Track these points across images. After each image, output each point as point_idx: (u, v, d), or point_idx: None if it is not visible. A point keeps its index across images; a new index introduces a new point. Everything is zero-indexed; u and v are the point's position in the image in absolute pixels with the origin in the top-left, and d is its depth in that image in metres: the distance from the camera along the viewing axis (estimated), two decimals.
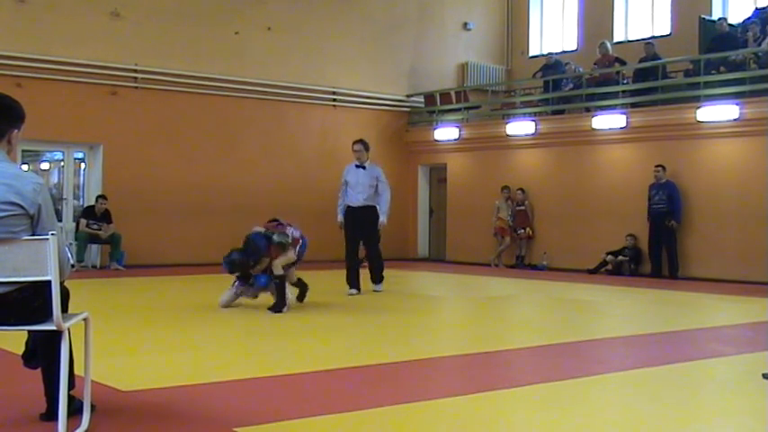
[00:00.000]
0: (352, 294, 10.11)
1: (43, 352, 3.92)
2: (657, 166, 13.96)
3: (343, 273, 10.36)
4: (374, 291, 10.53)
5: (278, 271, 8.44)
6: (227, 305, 8.70)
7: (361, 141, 10.67)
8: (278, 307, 8.35)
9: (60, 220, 13.25)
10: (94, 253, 14.38)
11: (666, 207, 13.78)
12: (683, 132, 14.01)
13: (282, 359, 6.04)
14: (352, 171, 10.45)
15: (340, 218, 10.46)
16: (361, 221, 10.29)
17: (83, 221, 13.89)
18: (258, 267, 8.46)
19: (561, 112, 16.30)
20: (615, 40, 17.63)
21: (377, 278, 10.65)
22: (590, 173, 15.39)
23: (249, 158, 16.17)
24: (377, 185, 10.34)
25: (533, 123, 16.16)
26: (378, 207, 10.34)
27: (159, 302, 9.80)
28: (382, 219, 10.33)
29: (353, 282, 10.30)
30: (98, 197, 14.18)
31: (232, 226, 15.45)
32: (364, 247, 10.65)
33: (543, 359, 6.28)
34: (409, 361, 5.97)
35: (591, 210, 15.25)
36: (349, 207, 10.35)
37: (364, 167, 10.39)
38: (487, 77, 19.77)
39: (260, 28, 16.37)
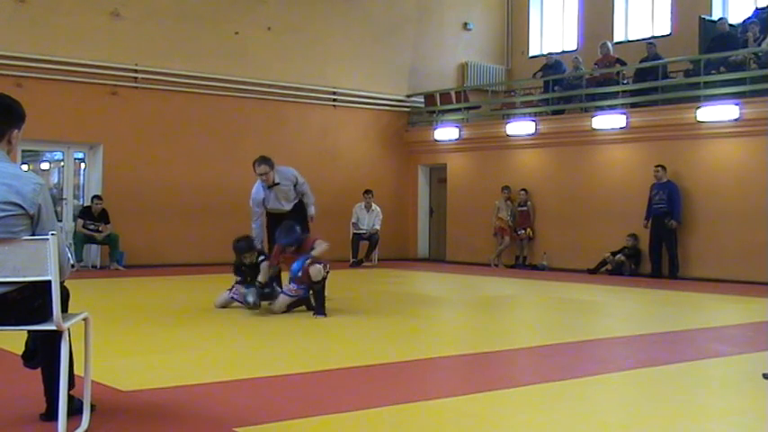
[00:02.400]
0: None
1: (43, 352, 3.92)
2: (657, 166, 13.96)
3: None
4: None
5: (317, 277, 8.19)
6: (224, 306, 8.73)
7: (262, 161, 9.17)
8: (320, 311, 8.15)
9: (60, 221, 13.25)
10: (94, 253, 14.38)
11: (667, 207, 13.78)
12: (683, 132, 14.01)
13: (282, 359, 6.04)
14: (270, 195, 9.18)
15: (259, 246, 8.97)
16: (289, 216, 9.17)
17: (79, 222, 13.90)
18: (250, 259, 8.47)
19: (561, 112, 16.31)
20: (615, 40, 17.64)
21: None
22: (590, 173, 15.39)
23: (249, 158, 15.97)
24: (295, 186, 9.29)
25: (533, 123, 16.16)
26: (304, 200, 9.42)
27: (159, 302, 9.80)
28: (311, 211, 9.40)
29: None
30: (93, 197, 14.18)
31: (232, 226, 15.42)
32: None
33: (543, 359, 6.28)
34: (409, 361, 5.97)
35: (591, 210, 15.25)
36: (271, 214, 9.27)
37: (277, 183, 9.19)
38: (487, 77, 19.77)
39: (260, 28, 16.38)
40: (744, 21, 15.10)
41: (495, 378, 5.51)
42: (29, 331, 3.93)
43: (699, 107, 13.66)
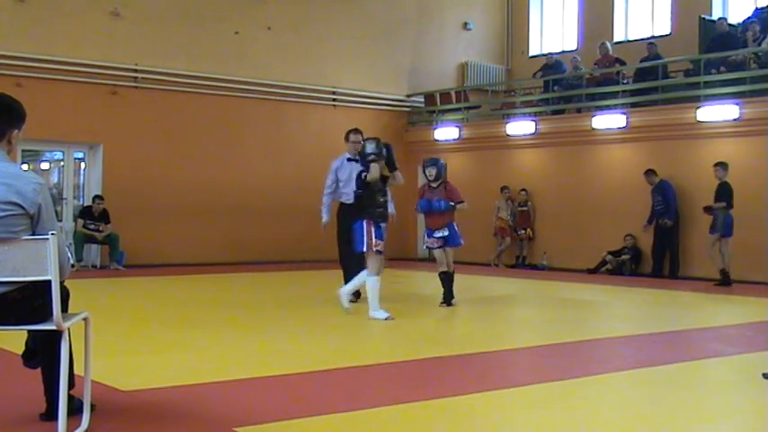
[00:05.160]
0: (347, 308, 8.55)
1: (43, 352, 3.92)
2: (645, 173, 13.92)
3: (341, 273, 9.47)
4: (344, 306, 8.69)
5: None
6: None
7: (359, 131, 9.52)
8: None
9: (60, 220, 13.25)
10: (94, 253, 14.38)
11: (664, 207, 13.79)
12: (683, 132, 14.01)
13: (282, 359, 6.04)
14: (345, 166, 9.30)
15: (325, 218, 9.31)
16: (352, 221, 8.86)
17: (80, 221, 13.90)
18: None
19: (561, 111, 16.31)
20: (615, 40, 17.64)
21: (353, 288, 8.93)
22: (590, 173, 15.39)
23: (249, 158, 16.18)
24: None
25: (533, 123, 16.16)
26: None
27: (159, 302, 9.80)
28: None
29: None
30: (94, 197, 14.19)
31: (232, 226, 15.48)
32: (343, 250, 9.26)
33: (543, 359, 6.28)
34: (409, 361, 5.97)
35: (591, 210, 15.24)
36: (343, 204, 9.37)
37: (357, 160, 9.07)
38: (487, 77, 19.77)
39: (260, 28, 16.38)
40: (744, 20, 15.11)
41: (495, 378, 5.51)
42: (29, 331, 3.93)
43: (699, 107, 13.66)
